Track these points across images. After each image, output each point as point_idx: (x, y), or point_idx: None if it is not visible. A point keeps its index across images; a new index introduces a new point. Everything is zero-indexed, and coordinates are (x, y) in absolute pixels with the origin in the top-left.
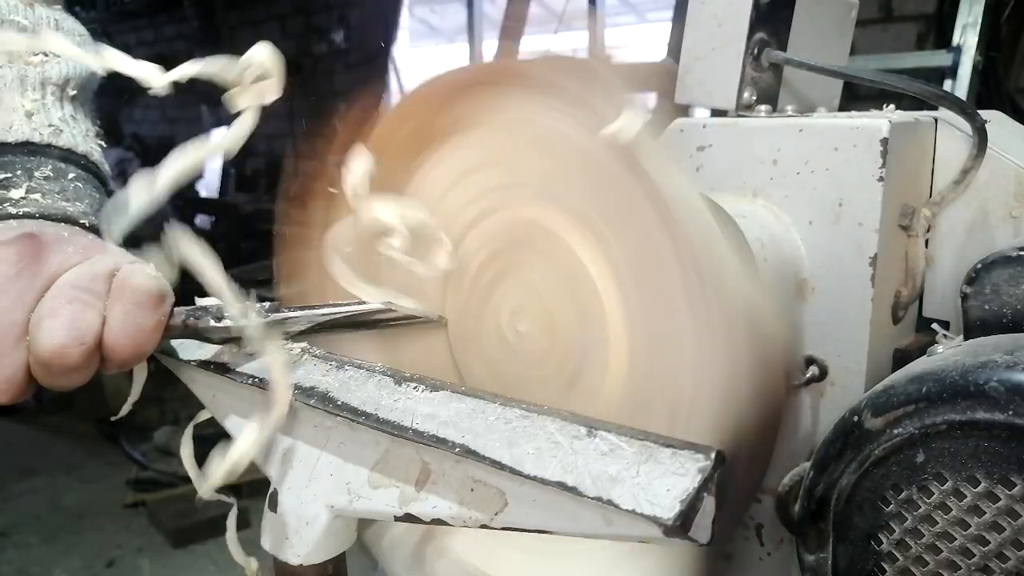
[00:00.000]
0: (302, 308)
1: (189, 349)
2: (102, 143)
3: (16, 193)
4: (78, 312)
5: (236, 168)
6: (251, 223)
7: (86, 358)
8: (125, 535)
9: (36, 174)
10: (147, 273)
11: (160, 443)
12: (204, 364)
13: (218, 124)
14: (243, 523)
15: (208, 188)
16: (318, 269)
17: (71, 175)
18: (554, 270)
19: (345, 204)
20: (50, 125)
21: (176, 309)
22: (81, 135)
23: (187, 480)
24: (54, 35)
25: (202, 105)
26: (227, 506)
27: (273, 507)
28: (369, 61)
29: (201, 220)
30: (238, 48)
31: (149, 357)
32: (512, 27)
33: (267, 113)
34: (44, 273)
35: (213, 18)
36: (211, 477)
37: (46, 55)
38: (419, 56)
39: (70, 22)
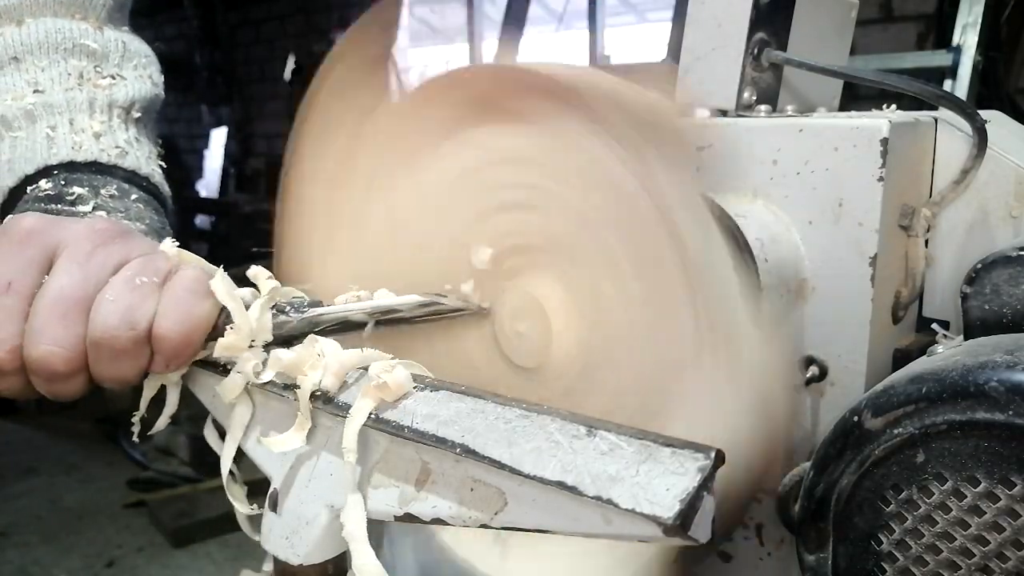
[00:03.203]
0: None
1: None
2: (162, 164)
3: (83, 209)
4: (136, 300)
5: (236, 168)
6: (251, 223)
7: (135, 345)
8: (125, 535)
9: (102, 192)
10: (201, 269)
11: (160, 443)
12: (203, 364)
13: (218, 124)
14: None
15: (208, 188)
16: (318, 268)
17: (134, 196)
18: (565, 287)
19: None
20: (116, 147)
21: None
22: (144, 157)
23: (187, 480)
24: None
25: (202, 105)
26: (229, 503)
27: (273, 507)
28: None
29: (201, 220)
30: (238, 48)
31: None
32: (512, 27)
33: (267, 113)
34: (116, 257)
35: (213, 18)
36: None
37: (114, 78)
38: (419, 56)
39: (136, 43)
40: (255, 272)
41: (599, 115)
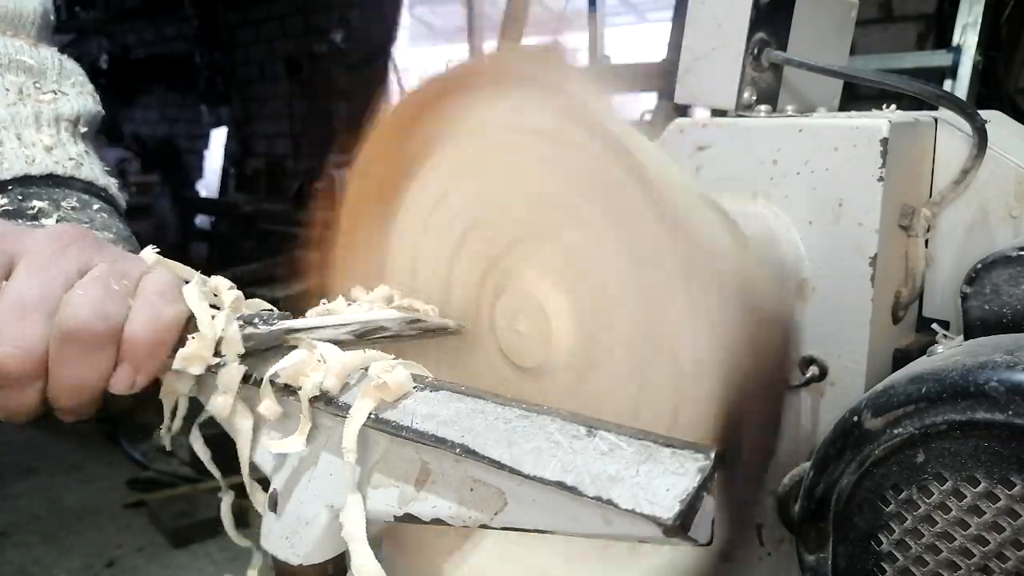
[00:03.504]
0: (316, 316)
1: None
2: (115, 179)
3: (47, 223)
4: (108, 296)
5: (236, 168)
6: (251, 223)
7: (108, 339)
8: (125, 535)
9: (63, 204)
10: (174, 274)
11: (160, 443)
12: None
13: (218, 124)
14: (243, 522)
15: (208, 188)
16: (322, 270)
17: (95, 206)
18: (548, 267)
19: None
20: (70, 159)
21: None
22: (99, 169)
23: (187, 480)
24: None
25: (202, 105)
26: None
27: (273, 507)
28: (369, 61)
29: (201, 220)
30: (238, 48)
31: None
32: (512, 27)
33: (267, 113)
34: (83, 261)
35: (213, 18)
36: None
37: (55, 93)
38: (419, 56)
39: (71, 63)
40: (216, 283)
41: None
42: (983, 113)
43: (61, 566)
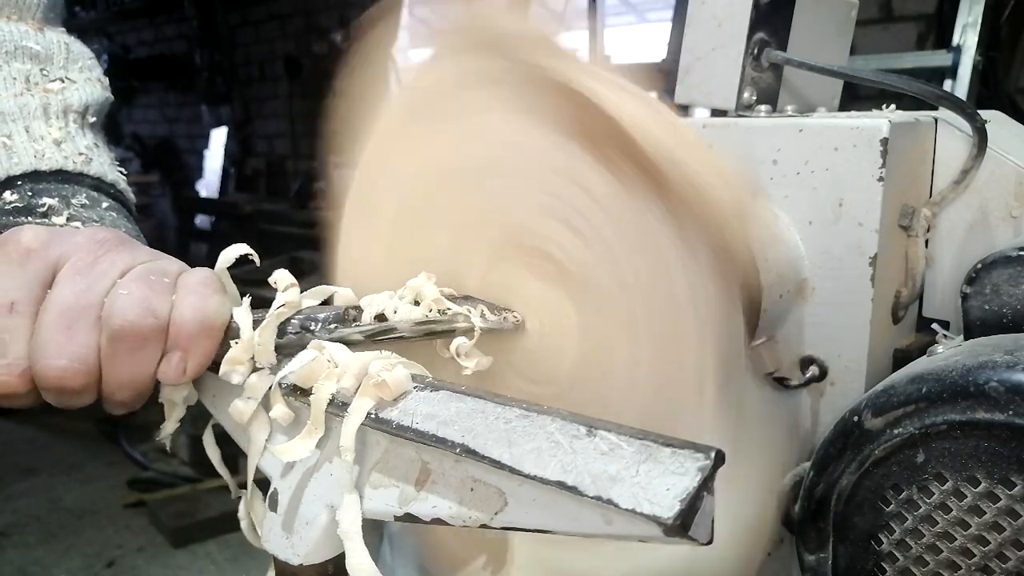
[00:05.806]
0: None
1: None
2: (123, 171)
3: (58, 220)
4: (151, 292)
5: (236, 168)
6: (251, 223)
7: (156, 332)
8: (125, 535)
9: (73, 201)
10: (211, 271)
11: (160, 443)
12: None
13: (218, 124)
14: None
15: (208, 188)
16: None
17: (104, 204)
18: (579, 317)
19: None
20: (80, 154)
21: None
22: (107, 164)
23: (187, 480)
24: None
25: (202, 105)
26: (229, 504)
27: (273, 507)
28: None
29: (201, 220)
30: (238, 48)
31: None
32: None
33: (267, 113)
34: (120, 263)
35: (213, 18)
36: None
37: (62, 81)
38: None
39: (78, 45)
40: (276, 277)
41: (676, 210)
42: (983, 113)
43: (61, 566)
